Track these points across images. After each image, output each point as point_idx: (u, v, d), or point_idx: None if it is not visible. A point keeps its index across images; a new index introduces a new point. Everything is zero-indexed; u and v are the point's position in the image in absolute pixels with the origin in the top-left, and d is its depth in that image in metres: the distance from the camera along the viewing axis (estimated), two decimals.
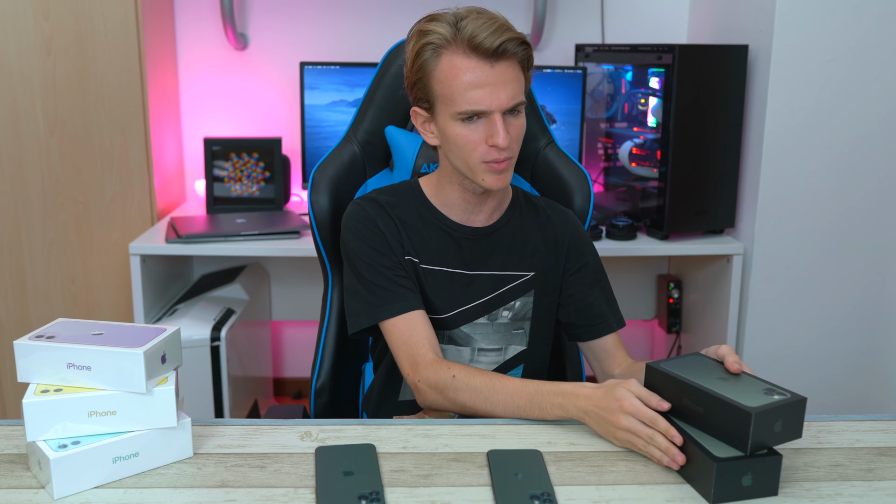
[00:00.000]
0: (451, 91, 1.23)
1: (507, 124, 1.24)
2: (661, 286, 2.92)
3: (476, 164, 1.26)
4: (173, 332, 1.09)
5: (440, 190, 1.37)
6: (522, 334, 1.41)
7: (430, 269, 1.36)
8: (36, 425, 1.00)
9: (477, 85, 1.22)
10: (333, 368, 1.59)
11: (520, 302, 1.39)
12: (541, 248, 1.40)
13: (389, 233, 1.34)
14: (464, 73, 1.22)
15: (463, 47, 1.22)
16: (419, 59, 1.26)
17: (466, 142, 1.25)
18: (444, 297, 1.36)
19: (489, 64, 1.22)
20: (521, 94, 1.26)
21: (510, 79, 1.23)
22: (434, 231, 1.37)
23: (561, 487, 1.02)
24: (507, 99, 1.23)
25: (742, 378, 1.07)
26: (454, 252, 1.37)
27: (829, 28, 2.25)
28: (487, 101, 1.22)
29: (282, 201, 2.66)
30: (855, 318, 2.44)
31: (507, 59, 1.23)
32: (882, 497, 1.01)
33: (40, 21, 2.31)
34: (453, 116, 1.25)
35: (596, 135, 2.80)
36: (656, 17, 2.83)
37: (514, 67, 1.24)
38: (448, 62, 1.23)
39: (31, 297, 2.47)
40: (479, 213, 1.37)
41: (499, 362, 1.40)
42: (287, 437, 1.14)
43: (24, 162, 2.39)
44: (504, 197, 1.40)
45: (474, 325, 1.38)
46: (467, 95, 1.22)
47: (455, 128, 1.25)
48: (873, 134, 2.32)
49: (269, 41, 2.77)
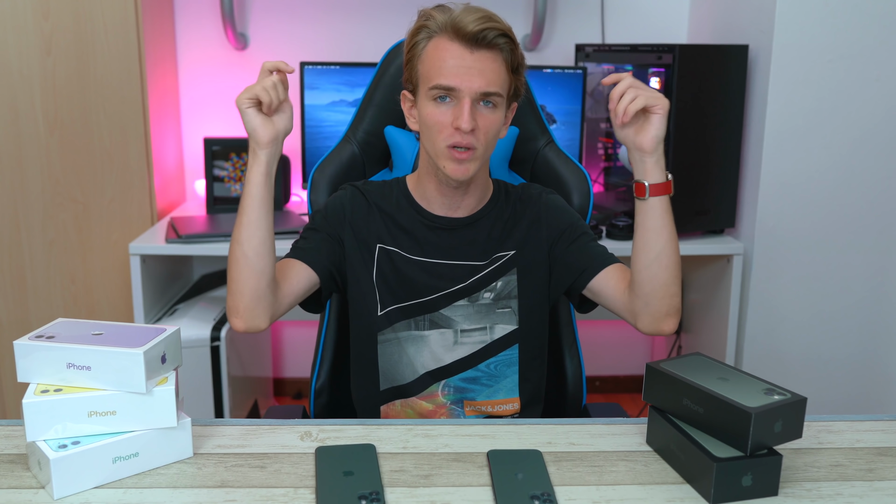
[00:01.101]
0: (431, 69, 1.28)
1: (477, 114, 1.27)
2: None
3: (441, 149, 1.29)
4: (173, 332, 1.09)
5: (420, 183, 1.40)
6: (510, 313, 1.40)
7: (407, 258, 1.39)
8: (36, 425, 1.00)
9: (453, 66, 1.25)
10: (333, 368, 1.59)
11: (501, 282, 1.40)
12: (520, 229, 1.41)
13: (358, 216, 1.39)
14: (445, 53, 1.26)
15: (449, 32, 1.26)
16: (413, 40, 1.31)
17: (434, 122, 1.28)
18: (423, 282, 1.38)
19: (469, 50, 1.25)
20: (496, 84, 1.27)
21: (488, 68, 1.26)
22: (413, 222, 1.40)
23: (561, 487, 1.02)
24: (479, 84, 1.25)
25: (742, 378, 1.07)
26: (431, 242, 1.39)
27: (829, 28, 2.25)
28: (458, 81, 1.25)
29: (281, 201, 2.66)
30: (855, 318, 2.44)
31: (489, 48, 1.26)
32: (882, 497, 1.01)
33: (40, 21, 2.31)
34: (427, 94, 1.28)
35: (596, 135, 2.80)
36: (656, 17, 2.84)
37: (496, 59, 1.27)
38: (434, 45, 1.28)
39: (31, 297, 2.47)
40: (458, 209, 1.39)
41: (486, 342, 1.40)
42: (287, 437, 1.14)
43: (23, 162, 2.39)
44: (483, 193, 1.41)
45: (454, 308, 1.39)
46: (442, 72, 1.26)
47: (428, 107, 1.29)
48: (873, 134, 2.32)
49: (269, 41, 2.77)
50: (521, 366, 1.42)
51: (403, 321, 1.38)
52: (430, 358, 1.39)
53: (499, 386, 1.41)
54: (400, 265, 1.38)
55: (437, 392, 1.40)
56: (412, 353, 1.39)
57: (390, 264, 1.38)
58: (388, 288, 1.38)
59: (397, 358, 1.39)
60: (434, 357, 1.39)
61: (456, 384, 1.40)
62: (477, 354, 1.39)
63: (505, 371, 1.41)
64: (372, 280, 1.38)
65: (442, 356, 1.39)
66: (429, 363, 1.39)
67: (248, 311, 1.27)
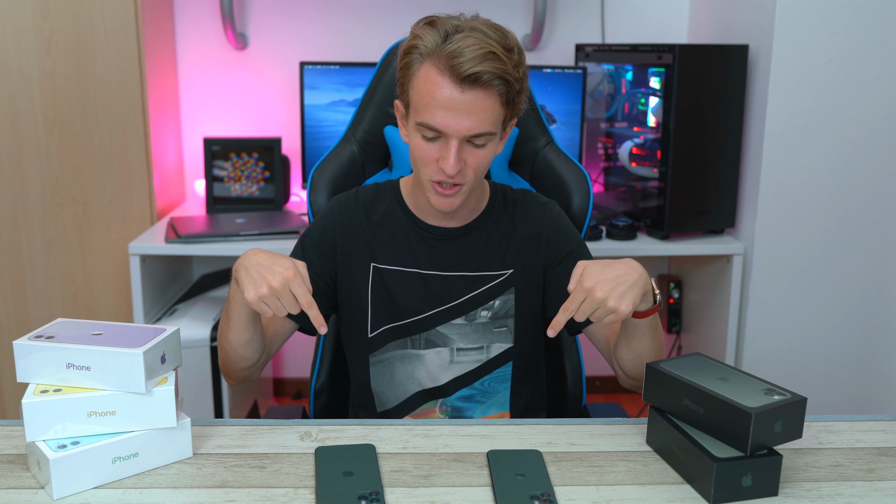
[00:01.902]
0: (419, 101, 1.21)
1: (465, 152, 1.22)
2: (662, 286, 2.92)
3: (426, 181, 1.26)
4: (173, 332, 1.09)
5: (414, 192, 1.37)
6: (507, 332, 1.38)
7: (402, 272, 1.36)
8: (35, 425, 1.00)
9: (442, 105, 1.18)
10: (333, 369, 1.59)
11: (499, 301, 1.37)
12: (519, 246, 1.38)
13: (349, 236, 1.36)
14: (435, 89, 1.19)
15: (442, 63, 1.18)
16: (405, 60, 1.24)
17: (421, 155, 1.24)
18: (419, 298, 1.35)
19: (459, 88, 1.17)
20: (487, 125, 1.20)
21: (478, 108, 1.18)
22: (407, 232, 1.36)
23: (561, 487, 1.02)
24: (467, 127, 1.19)
25: (742, 378, 1.07)
26: (425, 253, 1.36)
27: (830, 28, 2.25)
28: (445, 124, 1.19)
29: (281, 201, 2.66)
30: (855, 318, 2.44)
31: (482, 87, 1.17)
32: (882, 497, 1.01)
33: (40, 21, 2.31)
34: (416, 126, 1.24)
35: (596, 135, 2.80)
36: (656, 17, 2.83)
37: (489, 98, 1.19)
38: (425, 73, 1.20)
39: (31, 297, 2.47)
40: (451, 219, 1.36)
41: (482, 360, 1.38)
42: (287, 437, 1.14)
43: (23, 162, 2.39)
44: (479, 201, 1.38)
45: (450, 326, 1.36)
46: (430, 112, 1.19)
47: (416, 138, 1.24)
48: (873, 134, 2.33)
49: (269, 41, 2.77)
50: (514, 382, 1.41)
51: (398, 340, 1.36)
52: (425, 377, 1.37)
53: (491, 402, 1.40)
54: (394, 283, 1.35)
55: (435, 409, 1.39)
56: (408, 371, 1.37)
57: (384, 283, 1.35)
58: (383, 307, 1.36)
59: (389, 378, 1.38)
60: (430, 376, 1.37)
61: (453, 403, 1.38)
62: (472, 373, 1.38)
63: (497, 387, 1.40)
64: (365, 302, 1.36)
65: (437, 375, 1.37)
66: (425, 381, 1.37)
67: (239, 378, 1.37)
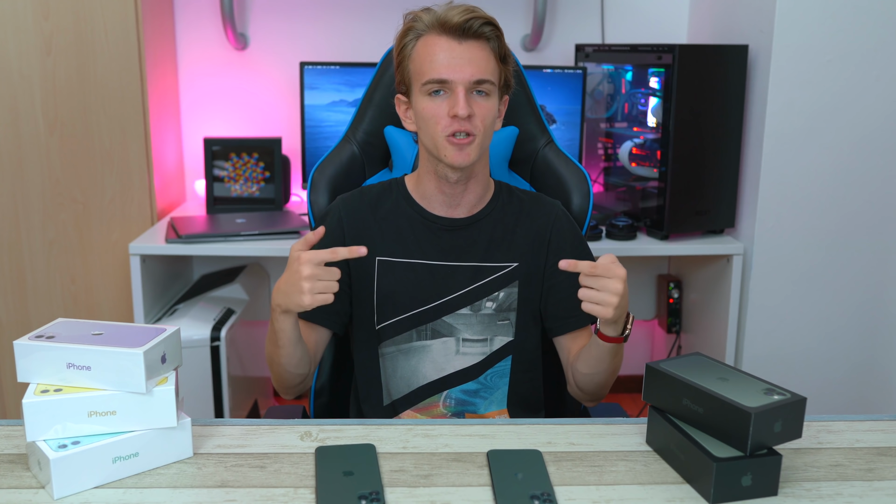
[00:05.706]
0: (421, 66, 1.31)
1: (472, 102, 1.30)
2: (661, 286, 2.92)
3: (440, 140, 1.31)
4: (173, 332, 1.09)
5: (420, 183, 1.41)
6: (508, 325, 1.41)
7: (408, 263, 1.39)
8: (36, 425, 1.00)
9: (444, 58, 1.29)
10: (333, 368, 1.59)
11: (504, 292, 1.40)
12: (523, 240, 1.42)
13: (355, 233, 1.39)
14: (434, 48, 1.30)
15: (436, 29, 1.30)
16: (402, 42, 1.34)
17: (431, 115, 1.31)
18: (425, 289, 1.38)
19: (458, 41, 1.29)
20: (487, 72, 1.30)
21: (477, 57, 1.30)
22: (413, 223, 1.40)
23: (561, 487, 1.02)
24: (471, 73, 1.28)
25: (742, 378, 1.07)
26: (432, 243, 1.39)
27: (830, 28, 2.25)
28: (449, 72, 1.28)
29: (282, 201, 2.65)
30: (855, 318, 2.44)
31: (476, 38, 1.30)
32: (882, 497, 1.01)
33: (40, 21, 2.31)
34: (421, 90, 1.31)
35: (596, 135, 2.80)
36: (656, 17, 2.83)
37: (483, 49, 1.31)
38: (423, 43, 1.32)
39: (31, 297, 2.47)
40: (457, 207, 1.40)
41: (486, 353, 1.40)
42: (287, 437, 1.14)
43: (24, 162, 2.39)
44: (484, 190, 1.42)
45: (457, 316, 1.39)
46: (434, 67, 1.29)
47: (423, 101, 1.32)
48: (873, 134, 2.32)
49: (269, 41, 2.77)
50: (512, 377, 1.42)
51: (405, 332, 1.38)
52: (431, 367, 1.39)
53: (492, 398, 1.42)
54: (401, 274, 1.38)
55: (439, 403, 1.40)
56: (414, 362, 1.39)
57: (391, 276, 1.39)
58: (390, 299, 1.38)
59: (396, 369, 1.40)
60: (436, 366, 1.39)
61: (457, 396, 1.40)
62: (477, 366, 1.40)
63: (497, 382, 1.42)
64: (372, 295, 1.39)
65: (443, 365, 1.39)
66: (430, 373, 1.39)
67: (297, 391, 1.41)
